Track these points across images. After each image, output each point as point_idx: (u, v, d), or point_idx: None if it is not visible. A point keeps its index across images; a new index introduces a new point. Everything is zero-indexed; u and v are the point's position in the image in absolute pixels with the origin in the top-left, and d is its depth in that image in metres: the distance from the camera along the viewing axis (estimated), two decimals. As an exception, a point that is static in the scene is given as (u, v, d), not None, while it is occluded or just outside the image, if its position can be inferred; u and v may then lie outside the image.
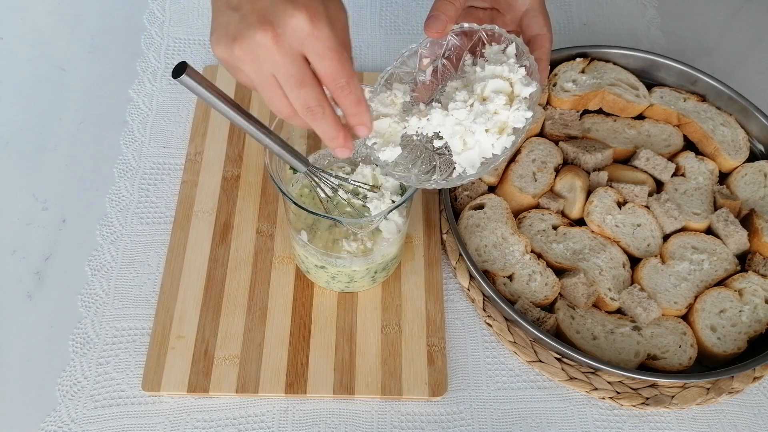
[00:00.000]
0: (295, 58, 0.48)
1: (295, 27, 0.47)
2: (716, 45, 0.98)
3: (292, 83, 0.49)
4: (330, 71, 0.49)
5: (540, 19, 0.62)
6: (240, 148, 0.81)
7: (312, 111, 0.50)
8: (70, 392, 0.67)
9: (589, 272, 0.73)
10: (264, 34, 0.47)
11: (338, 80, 0.50)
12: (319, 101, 0.50)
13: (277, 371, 0.68)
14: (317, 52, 0.48)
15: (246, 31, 0.47)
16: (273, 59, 0.48)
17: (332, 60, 0.48)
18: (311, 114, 0.51)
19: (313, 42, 0.47)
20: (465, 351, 0.72)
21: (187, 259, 0.74)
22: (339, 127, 0.52)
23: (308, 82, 0.49)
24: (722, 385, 0.69)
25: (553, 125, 0.83)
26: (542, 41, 0.61)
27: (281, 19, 0.47)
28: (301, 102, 0.50)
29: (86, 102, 0.86)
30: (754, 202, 0.80)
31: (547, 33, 0.62)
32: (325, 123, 0.51)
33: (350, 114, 0.53)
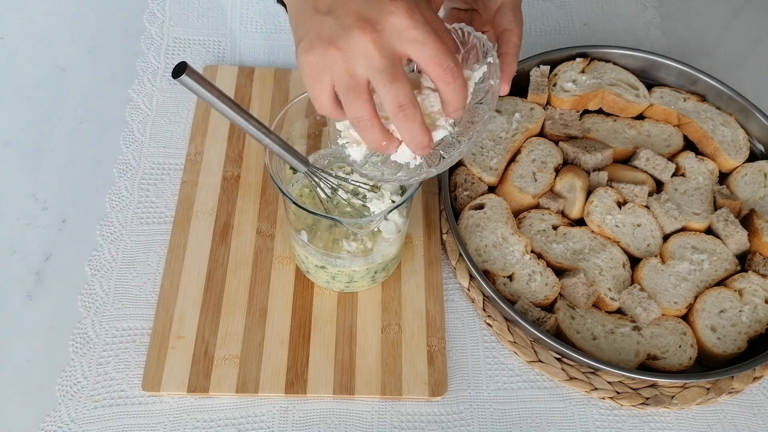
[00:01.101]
0: (391, 54, 0.48)
1: (394, 23, 0.47)
2: (716, 45, 0.98)
3: (386, 78, 0.48)
4: (434, 54, 0.48)
5: (509, 15, 0.61)
6: (240, 148, 0.81)
7: (404, 109, 0.49)
8: (70, 392, 0.67)
9: (589, 272, 0.73)
10: (363, 33, 0.47)
11: (445, 62, 0.48)
12: (410, 99, 0.49)
13: (277, 371, 0.68)
14: (418, 40, 0.48)
15: (344, 33, 0.47)
16: (370, 56, 0.47)
17: (434, 43, 0.48)
18: (402, 113, 0.49)
19: (412, 32, 0.47)
20: (465, 351, 0.72)
21: (187, 259, 0.74)
22: (425, 128, 0.51)
23: (401, 77, 0.48)
24: (722, 385, 0.69)
25: (553, 125, 0.83)
26: (509, 36, 0.60)
27: (380, 16, 0.47)
28: (393, 98, 0.49)
29: (86, 102, 0.86)
30: (754, 202, 0.80)
31: (515, 28, 0.60)
32: (415, 123, 0.50)
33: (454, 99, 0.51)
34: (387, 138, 0.52)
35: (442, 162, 0.56)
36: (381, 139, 0.52)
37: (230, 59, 0.91)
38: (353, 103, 0.50)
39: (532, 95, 0.83)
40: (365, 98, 0.49)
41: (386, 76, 0.48)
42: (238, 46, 0.92)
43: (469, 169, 0.79)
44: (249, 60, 0.91)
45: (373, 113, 0.50)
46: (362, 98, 0.49)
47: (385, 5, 0.47)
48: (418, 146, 0.52)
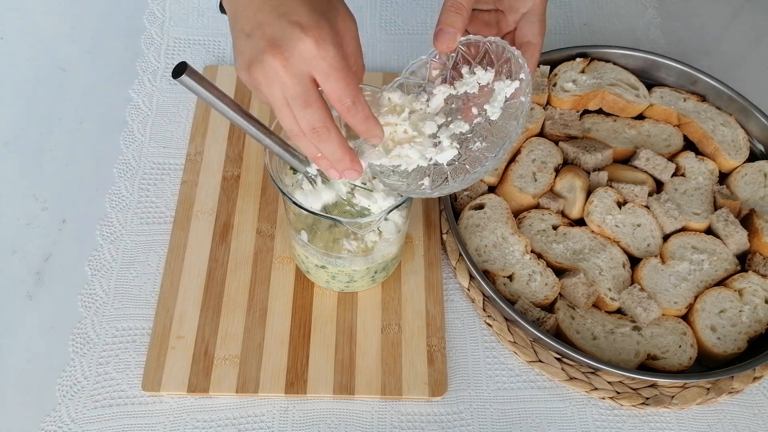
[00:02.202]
0: (302, 80, 0.50)
1: (302, 50, 0.48)
2: (716, 45, 0.98)
3: (298, 104, 0.50)
4: (335, 90, 0.50)
5: (536, 27, 0.61)
6: (240, 148, 0.81)
7: (317, 132, 0.52)
8: (70, 392, 0.67)
9: (589, 272, 0.73)
10: (273, 57, 0.49)
11: (344, 99, 0.51)
12: (324, 122, 0.51)
13: (277, 371, 0.68)
14: (323, 71, 0.49)
15: (258, 55, 0.49)
16: (282, 81, 0.49)
17: (337, 80, 0.50)
18: (317, 135, 0.52)
19: (319, 62, 0.49)
20: (465, 351, 0.72)
21: (187, 259, 0.74)
22: (345, 149, 0.54)
23: (313, 102, 0.51)
24: (722, 385, 0.69)
25: (553, 125, 0.83)
26: (532, 51, 0.61)
27: (289, 43, 0.48)
28: (306, 122, 0.51)
29: (86, 102, 0.86)
30: (754, 202, 0.80)
31: (538, 42, 0.61)
32: (330, 144, 0.53)
33: (361, 130, 0.54)
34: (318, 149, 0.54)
35: (467, 176, 0.56)
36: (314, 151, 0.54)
37: (230, 59, 0.91)
38: (282, 119, 0.52)
39: (532, 95, 0.83)
40: (290, 114, 0.52)
41: (300, 102, 0.50)
42: (238, 46, 0.92)
43: (469, 169, 0.79)
44: (249, 60, 0.91)
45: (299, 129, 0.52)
46: (288, 115, 0.52)
47: (296, 32, 0.48)
48: (339, 166, 0.55)
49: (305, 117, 0.51)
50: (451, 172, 0.58)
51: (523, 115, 0.55)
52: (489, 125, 0.58)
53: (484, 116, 0.59)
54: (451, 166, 0.59)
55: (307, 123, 0.51)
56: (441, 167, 0.59)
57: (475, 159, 0.57)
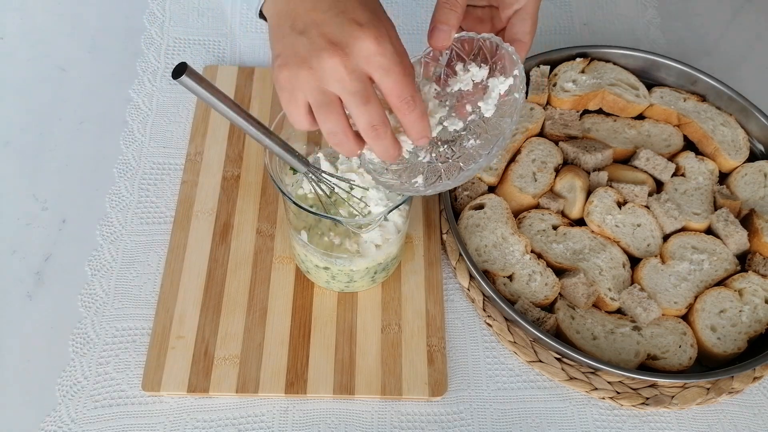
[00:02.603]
0: (361, 77, 0.50)
1: (362, 48, 0.49)
2: (716, 45, 0.98)
3: (358, 100, 0.50)
4: (396, 86, 0.51)
5: (527, 25, 0.61)
6: (240, 148, 0.81)
7: (375, 129, 0.52)
8: (70, 392, 0.67)
9: (589, 272, 0.73)
10: (333, 55, 0.49)
11: (404, 94, 0.51)
12: (382, 119, 0.52)
13: (277, 371, 0.68)
14: (383, 68, 0.50)
15: (316, 54, 0.49)
16: (340, 78, 0.50)
17: (398, 75, 0.50)
18: (374, 132, 0.52)
19: (379, 59, 0.49)
20: (465, 351, 0.72)
21: (187, 259, 0.74)
22: (397, 143, 0.54)
23: (373, 99, 0.51)
24: (722, 385, 0.69)
25: (553, 125, 0.83)
26: (519, 48, 0.61)
27: (349, 41, 0.49)
28: (365, 119, 0.51)
29: (86, 102, 0.86)
30: (754, 202, 0.80)
31: (527, 41, 0.61)
32: (386, 141, 0.53)
33: (413, 128, 0.54)
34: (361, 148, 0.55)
35: (461, 174, 0.56)
36: (355, 150, 0.55)
37: (230, 59, 0.91)
38: (327, 119, 0.52)
39: (532, 95, 0.83)
40: (339, 113, 0.52)
41: (359, 99, 0.50)
42: (238, 46, 0.92)
43: (469, 169, 0.79)
44: (249, 60, 0.91)
45: (346, 127, 0.53)
46: (336, 113, 0.52)
47: (355, 30, 0.49)
48: (388, 158, 0.55)
49: (365, 114, 0.51)
50: (444, 169, 0.58)
51: (517, 111, 0.55)
52: (483, 122, 0.58)
53: (478, 113, 0.58)
54: (444, 164, 0.59)
55: (366, 120, 0.51)
56: (434, 165, 0.59)
57: (469, 156, 0.57)
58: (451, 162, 0.58)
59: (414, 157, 0.60)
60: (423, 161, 0.59)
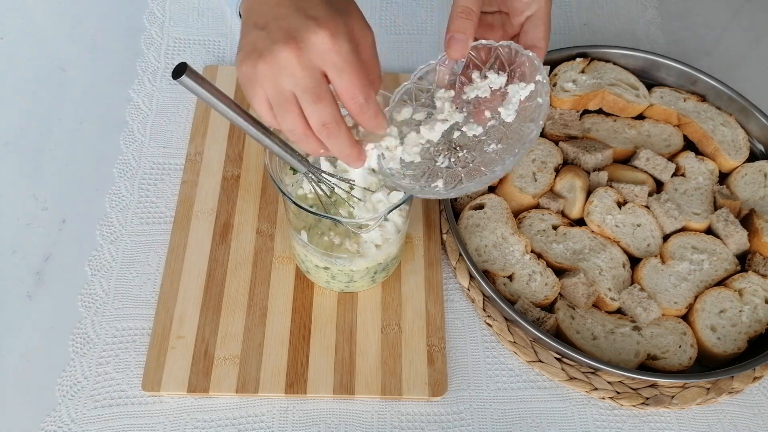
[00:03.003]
0: (314, 73, 0.50)
1: (316, 42, 0.49)
2: (716, 45, 0.98)
3: (309, 98, 0.50)
4: (348, 86, 0.50)
5: (540, 30, 0.61)
6: (240, 148, 0.81)
7: (327, 127, 0.51)
8: (70, 392, 0.67)
9: (589, 272, 0.73)
10: (287, 48, 0.49)
11: (357, 96, 0.51)
12: (334, 117, 0.51)
13: (277, 371, 0.68)
14: (336, 66, 0.49)
15: (271, 46, 0.49)
16: (294, 73, 0.49)
17: (350, 75, 0.50)
18: (326, 130, 0.52)
19: (333, 56, 0.49)
20: (465, 351, 0.72)
21: (187, 259, 0.74)
22: (353, 143, 0.54)
23: (325, 97, 0.50)
24: (722, 385, 0.69)
25: (553, 125, 0.83)
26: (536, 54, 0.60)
27: (304, 35, 0.49)
28: (317, 118, 0.51)
29: (86, 102, 0.86)
30: (754, 202, 0.80)
31: (543, 47, 0.61)
32: (340, 140, 0.53)
33: (369, 127, 0.54)
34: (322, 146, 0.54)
35: (484, 177, 0.56)
36: (318, 148, 0.54)
37: (230, 59, 0.91)
38: (284, 118, 0.52)
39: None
40: (296, 112, 0.51)
41: (310, 96, 0.50)
42: (238, 46, 0.92)
43: (469, 169, 0.79)
44: (249, 60, 0.91)
45: (305, 125, 0.52)
46: (293, 112, 0.51)
47: (312, 26, 0.49)
48: (347, 159, 0.55)
49: (316, 112, 0.51)
50: (465, 174, 0.58)
51: (542, 116, 0.55)
52: (504, 127, 0.59)
53: (498, 119, 0.59)
54: (464, 168, 0.59)
55: (317, 119, 0.51)
56: (454, 170, 0.59)
57: (491, 160, 0.58)
58: (471, 166, 0.58)
59: (432, 162, 0.60)
60: (441, 166, 0.60)
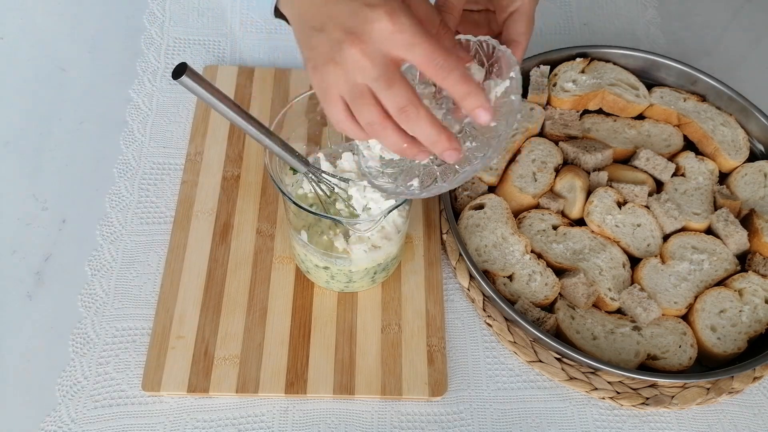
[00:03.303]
0: (382, 60, 0.48)
1: (377, 29, 0.48)
2: (716, 45, 0.98)
3: (381, 85, 0.49)
4: (423, 55, 0.48)
5: (522, 25, 0.60)
6: (240, 148, 0.81)
7: (405, 111, 0.49)
8: (70, 392, 0.67)
9: (589, 272, 0.73)
10: (351, 45, 0.48)
11: (435, 60, 0.48)
12: (410, 99, 0.49)
13: (277, 371, 0.68)
14: (405, 44, 0.48)
15: (337, 47, 0.48)
16: (362, 66, 0.48)
17: (421, 45, 0.48)
18: (405, 115, 0.49)
19: (398, 37, 0.48)
20: (465, 351, 0.72)
21: (187, 259, 0.74)
22: (439, 127, 0.50)
23: (397, 81, 0.49)
24: (722, 385, 0.69)
25: (553, 125, 0.83)
26: (514, 49, 0.59)
27: (362, 27, 0.48)
28: (393, 103, 0.49)
29: (86, 102, 0.86)
30: (754, 202, 0.80)
31: (522, 42, 0.60)
32: (421, 123, 0.49)
33: (460, 95, 0.50)
34: (406, 140, 0.52)
35: (456, 176, 0.55)
36: (400, 141, 0.51)
37: (230, 59, 0.91)
38: (361, 111, 0.50)
39: (532, 95, 0.83)
40: (372, 102, 0.50)
41: (382, 83, 0.49)
42: (238, 46, 0.92)
43: (469, 169, 0.79)
44: (249, 60, 0.91)
45: (383, 116, 0.50)
46: (368, 103, 0.50)
47: (366, 14, 0.48)
48: (436, 146, 0.51)
49: (391, 98, 0.49)
50: (440, 172, 0.58)
51: (513, 114, 0.53)
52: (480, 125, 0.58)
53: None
54: (440, 166, 0.58)
55: (394, 104, 0.49)
56: (430, 168, 0.59)
57: (465, 159, 0.57)
58: (446, 165, 0.58)
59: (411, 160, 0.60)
60: (419, 164, 0.59)
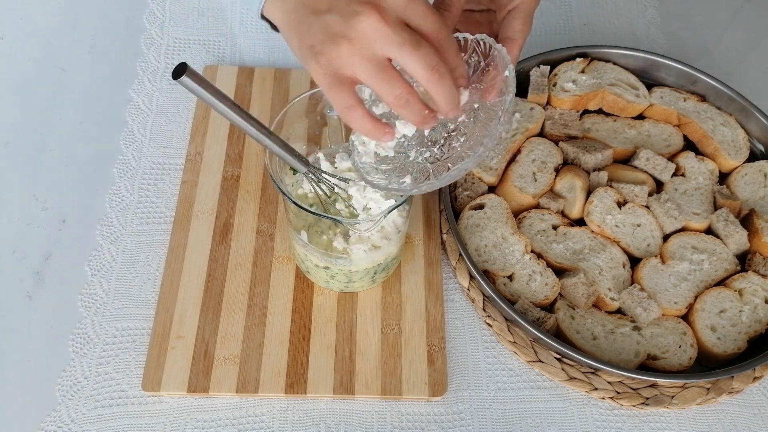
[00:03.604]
0: (402, 26, 0.49)
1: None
2: (716, 45, 0.98)
3: (409, 48, 0.49)
4: (434, 27, 0.50)
5: (518, 23, 0.60)
6: (240, 148, 0.81)
7: (437, 69, 0.50)
8: (70, 392, 0.67)
9: (589, 272, 0.73)
10: (369, 14, 0.48)
11: (442, 33, 0.50)
12: (438, 59, 0.50)
13: (277, 371, 0.68)
14: (419, 14, 0.49)
15: (350, 21, 0.48)
16: (385, 33, 0.48)
17: (433, 16, 0.50)
18: (437, 73, 0.50)
19: (413, 7, 0.49)
20: (465, 351, 0.72)
21: (187, 259, 0.74)
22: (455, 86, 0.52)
23: (423, 42, 0.50)
24: (722, 385, 0.69)
25: (553, 125, 0.83)
26: (510, 46, 0.60)
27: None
28: (423, 63, 0.49)
29: (86, 102, 0.86)
30: (754, 202, 0.80)
31: (519, 39, 0.60)
32: (448, 81, 0.51)
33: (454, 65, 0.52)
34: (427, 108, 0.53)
35: (447, 174, 0.56)
36: (423, 110, 0.52)
37: (230, 59, 0.91)
38: (389, 83, 0.50)
39: (532, 95, 0.83)
40: (396, 75, 0.50)
41: (410, 46, 0.49)
42: (238, 46, 0.92)
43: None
44: (249, 60, 0.91)
45: (410, 87, 0.51)
46: (395, 75, 0.50)
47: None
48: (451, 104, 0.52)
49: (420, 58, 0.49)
50: (433, 170, 0.58)
51: (505, 112, 0.53)
52: (473, 123, 0.58)
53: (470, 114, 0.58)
54: (434, 164, 0.58)
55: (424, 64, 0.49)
56: (423, 165, 0.59)
57: (457, 157, 0.57)
58: (440, 162, 0.58)
59: (405, 157, 0.60)
60: (413, 161, 0.59)
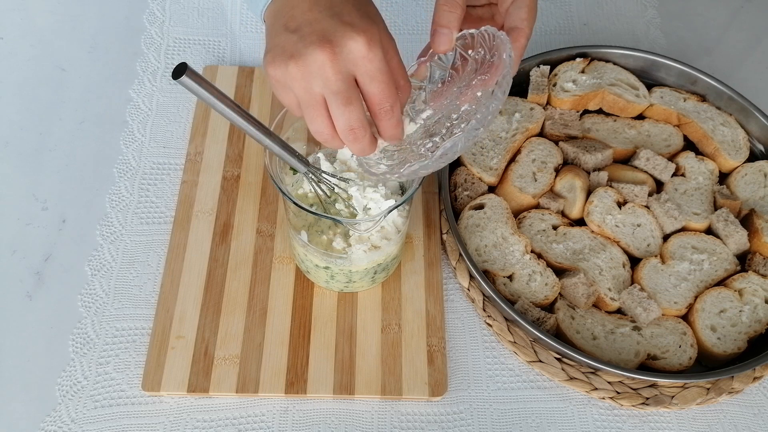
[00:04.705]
0: (346, 77, 0.50)
1: (352, 48, 0.49)
2: (716, 45, 0.98)
3: (339, 101, 0.51)
4: (378, 93, 0.51)
5: (523, 12, 0.60)
6: (240, 148, 0.81)
7: (354, 132, 0.52)
8: (70, 392, 0.67)
9: (589, 272, 0.73)
10: (322, 51, 0.49)
11: (384, 103, 0.52)
12: (361, 122, 0.52)
13: (277, 371, 0.68)
14: (369, 73, 0.50)
15: (304, 49, 0.49)
16: (326, 76, 0.50)
17: (381, 83, 0.51)
18: (353, 134, 0.52)
19: (366, 64, 0.50)
20: (465, 351, 0.72)
21: (187, 259, 0.74)
22: (373, 142, 0.55)
23: (355, 101, 0.51)
24: (722, 385, 0.69)
25: (553, 125, 0.83)
26: (517, 35, 0.60)
27: (340, 40, 0.49)
28: (344, 121, 0.51)
29: (86, 102, 0.86)
30: (754, 202, 0.80)
31: (525, 28, 0.60)
32: (363, 142, 0.54)
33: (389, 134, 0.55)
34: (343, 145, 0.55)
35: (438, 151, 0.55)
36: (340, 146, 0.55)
37: (230, 59, 0.91)
38: (313, 120, 0.52)
39: (532, 95, 0.83)
40: (325, 115, 0.52)
41: (340, 99, 0.50)
42: (238, 46, 0.92)
43: (469, 169, 0.79)
44: (249, 60, 0.91)
45: (332, 128, 0.53)
46: (321, 115, 0.52)
47: (348, 31, 0.49)
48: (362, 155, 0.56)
49: (345, 115, 0.51)
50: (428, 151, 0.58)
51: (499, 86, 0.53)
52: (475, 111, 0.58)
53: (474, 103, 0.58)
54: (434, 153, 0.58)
55: (345, 122, 0.52)
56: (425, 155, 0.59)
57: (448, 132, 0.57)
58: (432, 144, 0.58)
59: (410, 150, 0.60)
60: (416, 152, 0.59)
